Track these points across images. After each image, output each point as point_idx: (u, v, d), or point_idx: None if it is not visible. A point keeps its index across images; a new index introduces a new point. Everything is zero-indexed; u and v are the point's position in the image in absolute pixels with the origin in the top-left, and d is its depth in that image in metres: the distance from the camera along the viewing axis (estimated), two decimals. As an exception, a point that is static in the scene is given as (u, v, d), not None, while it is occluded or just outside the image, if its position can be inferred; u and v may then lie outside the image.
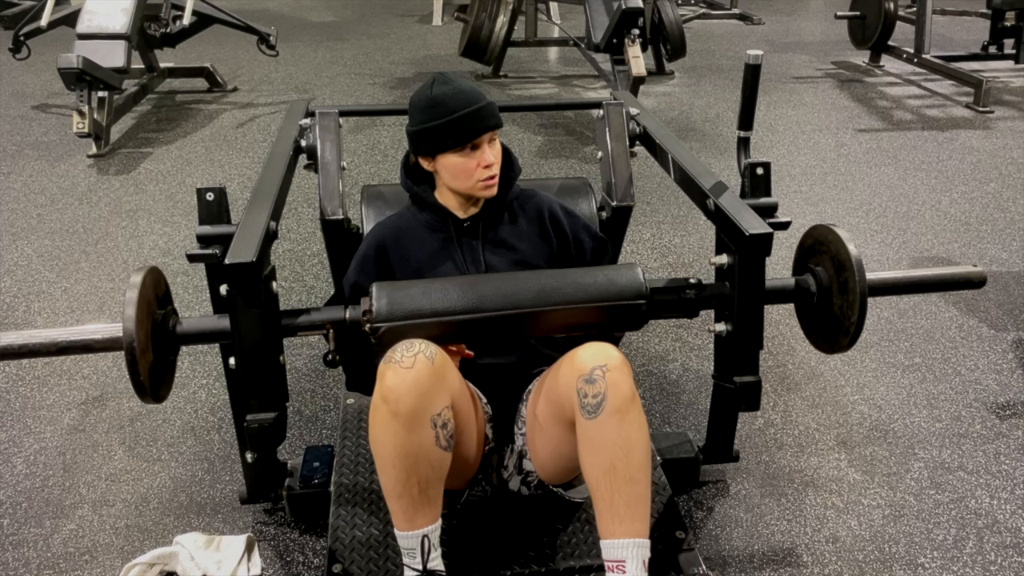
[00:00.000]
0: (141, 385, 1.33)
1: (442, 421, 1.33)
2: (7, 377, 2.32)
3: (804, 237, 1.65)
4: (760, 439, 2.06)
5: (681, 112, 4.79)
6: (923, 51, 5.25)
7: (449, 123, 1.51)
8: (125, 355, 1.31)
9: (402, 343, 1.35)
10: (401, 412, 1.29)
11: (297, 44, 6.38)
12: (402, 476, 1.33)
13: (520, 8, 5.32)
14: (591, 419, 1.35)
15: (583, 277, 1.48)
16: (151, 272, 1.40)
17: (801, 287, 1.61)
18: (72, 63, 3.81)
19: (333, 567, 1.56)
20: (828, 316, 1.58)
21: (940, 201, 3.53)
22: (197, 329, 1.45)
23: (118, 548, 1.72)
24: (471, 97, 1.53)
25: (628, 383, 1.36)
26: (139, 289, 1.34)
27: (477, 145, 1.54)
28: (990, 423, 2.11)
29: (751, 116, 1.92)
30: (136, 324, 1.31)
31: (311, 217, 3.30)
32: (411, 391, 1.29)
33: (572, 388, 1.37)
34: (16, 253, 3.08)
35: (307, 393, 2.23)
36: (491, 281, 1.47)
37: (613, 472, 1.34)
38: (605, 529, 1.36)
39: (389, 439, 1.31)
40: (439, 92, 1.53)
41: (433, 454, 1.33)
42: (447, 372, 1.37)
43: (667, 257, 3.04)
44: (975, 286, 1.67)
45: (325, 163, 1.91)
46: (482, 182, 1.56)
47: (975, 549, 1.71)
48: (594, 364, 1.36)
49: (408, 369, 1.30)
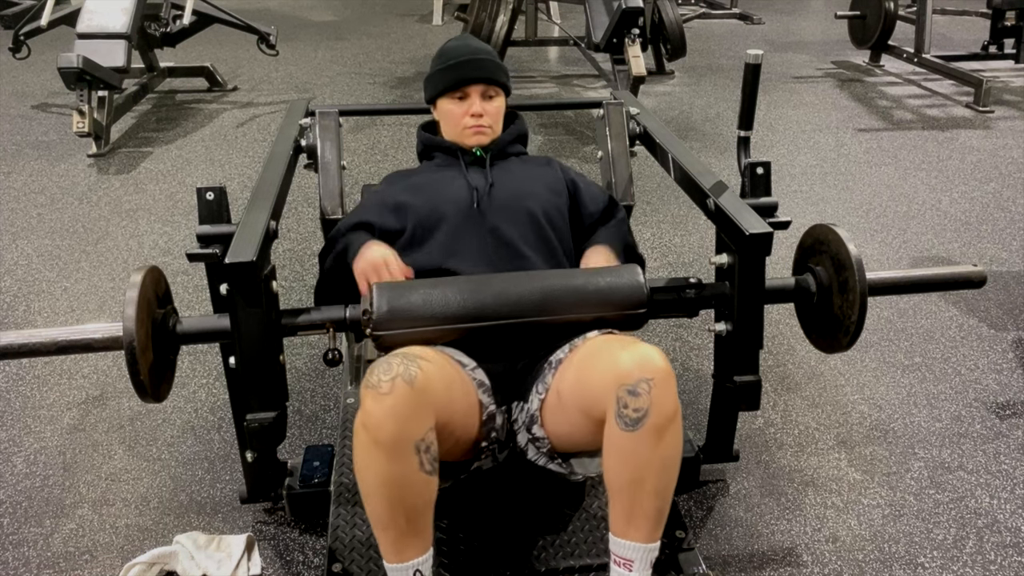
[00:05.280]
0: (141, 385, 1.33)
1: (425, 445, 1.26)
2: (7, 377, 2.32)
3: (804, 237, 1.65)
4: (760, 439, 2.06)
5: (681, 112, 4.79)
6: (923, 51, 5.25)
7: (443, 69, 1.71)
8: (125, 355, 1.31)
9: (380, 363, 1.28)
10: (382, 440, 1.23)
11: (297, 44, 6.38)
12: (387, 506, 1.28)
13: (520, 8, 5.31)
14: (628, 431, 1.28)
15: (584, 283, 1.47)
16: (151, 271, 1.40)
17: (801, 287, 1.61)
18: (72, 62, 3.81)
19: (333, 567, 1.56)
20: (828, 316, 1.58)
21: (940, 201, 3.53)
22: (197, 328, 1.45)
23: (118, 548, 1.72)
24: (469, 50, 1.71)
25: (673, 399, 1.29)
26: (139, 288, 1.34)
27: (467, 95, 1.71)
28: (990, 423, 2.11)
29: (751, 116, 1.93)
30: (136, 323, 1.31)
31: (311, 217, 3.30)
32: (390, 418, 1.22)
33: (610, 392, 1.29)
34: (16, 252, 3.08)
35: (307, 393, 2.23)
36: (492, 286, 1.46)
37: (640, 484, 1.30)
38: (619, 529, 1.34)
39: (372, 467, 1.26)
40: (449, 45, 1.75)
41: (418, 481, 1.27)
42: (431, 391, 1.28)
43: (667, 257, 3.04)
44: (975, 286, 1.67)
45: (325, 163, 1.91)
46: (469, 129, 1.70)
47: (975, 549, 1.71)
48: (640, 376, 1.27)
49: (386, 395, 1.23)
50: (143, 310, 1.34)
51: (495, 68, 1.73)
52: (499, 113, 1.75)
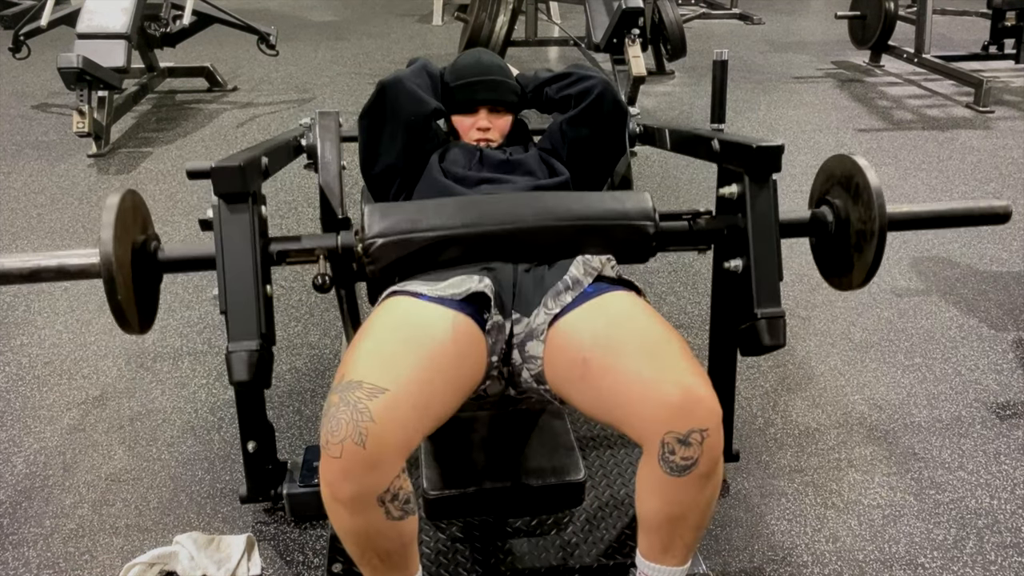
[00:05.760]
0: (120, 311, 1.26)
1: (391, 495, 1.18)
2: (7, 377, 2.32)
3: (820, 170, 1.55)
4: (760, 439, 2.06)
5: (681, 112, 4.79)
6: (923, 51, 5.24)
7: (453, 89, 1.84)
8: (103, 279, 1.24)
9: (329, 412, 1.16)
10: (341, 498, 1.17)
11: (297, 44, 6.38)
12: (357, 552, 1.24)
13: (520, 8, 5.31)
14: (673, 476, 1.21)
15: (589, 196, 1.46)
16: (129, 194, 1.32)
17: (817, 219, 1.52)
18: (72, 62, 3.81)
19: (333, 567, 1.56)
20: (844, 250, 1.49)
21: (940, 201, 3.52)
22: (180, 255, 1.40)
23: (118, 548, 1.72)
24: (480, 69, 1.84)
25: (722, 444, 1.23)
26: (116, 211, 1.26)
27: (475, 111, 1.84)
28: (990, 423, 2.11)
29: (723, 110, 1.96)
30: (114, 245, 1.23)
31: (311, 217, 3.30)
32: (345, 480, 1.15)
33: (655, 433, 1.20)
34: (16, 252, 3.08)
35: (307, 393, 2.23)
36: (490, 200, 1.41)
37: (682, 522, 1.26)
38: (653, 556, 1.30)
39: (336, 519, 1.20)
40: (461, 62, 1.87)
41: (388, 528, 1.20)
42: (386, 439, 1.15)
43: (667, 256, 3.04)
44: (1000, 221, 1.57)
45: (325, 163, 1.92)
46: (476, 140, 1.81)
47: (975, 549, 1.71)
48: (692, 425, 1.18)
49: (336, 459, 1.14)
50: (122, 233, 1.25)
51: (503, 88, 1.87)
52: (506, 126, 1.88)
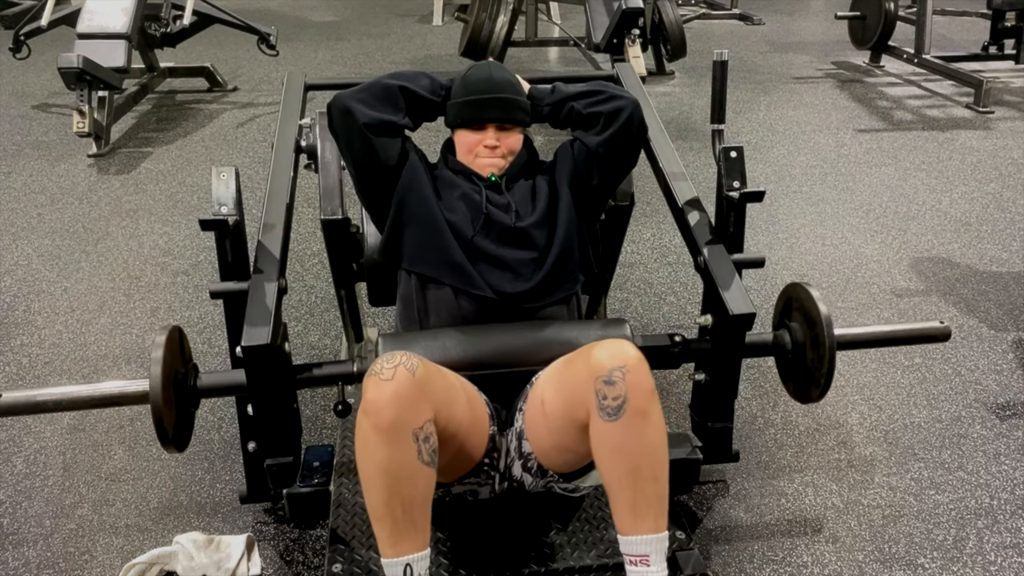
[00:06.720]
0: (166, 437, 1.43)
1: (424, 435, 1.30)
2: (7, 377, 2.32)
3: (781, 295, 1.76)
4: (760, 439, 2.06)
5: (681, 112, 4.79)
6: (923, 51, 5.24)
7: (463, 103, 1.72)
8: (152, 414, 1.42)
9: (384, 355, 1.34)
10: (381, 425, 1.28)
11: (297, 44, 6.38)
12: (384, 495, 1.30)
13: (520, 8, 5.31)
14: (612, 421, 1.32)
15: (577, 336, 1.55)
16: (173, 331, 1.51)
17: (778, 342, 1.72)
18: (72, 62, 3.81)
19: (333, 567, 1.56)
20: (802, 369, 1.67)
21: (940, 201, 3.53)
22: (216, 384, 1.57)
23: (118, 548, 1.72)
24: (488, 86, 1.72)
25: (648, 381, 1.34)
26: (164, 348, 1.44)
27: (483, 128, 1.72)
28: (990, 423, 2.11)
29: (723, 109, 1.99)
30: (162, 382, 1.41)
31: (311, 217, 3.30)
32: (391, 404, 1.28)
33: (589, 389, 1.34)
34: (16, 252, 3.08)
35: (307, 393, 2.23)
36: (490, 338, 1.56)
37: (637, 473, 1.33)
38: (626, 527, 1.35)
39: (371, 454, 1.29)
40: (472, 76, 1.75)
41: (416, 470, 1.30)
42: (431, 385, 1.33)
43: (667, 256, 3.04)
44: (940, 340, 1.78)
45: (325, 163, 1.92)
46: (481, 159, 1.72)
47: (975, 549, 1.71)
48: (613, 365, 1.33)
49: (388, 381, 1.29)
50: (167, 368, 1.44)
51: (514, 107, 1.74)
52: (515, 144, 1.76)
